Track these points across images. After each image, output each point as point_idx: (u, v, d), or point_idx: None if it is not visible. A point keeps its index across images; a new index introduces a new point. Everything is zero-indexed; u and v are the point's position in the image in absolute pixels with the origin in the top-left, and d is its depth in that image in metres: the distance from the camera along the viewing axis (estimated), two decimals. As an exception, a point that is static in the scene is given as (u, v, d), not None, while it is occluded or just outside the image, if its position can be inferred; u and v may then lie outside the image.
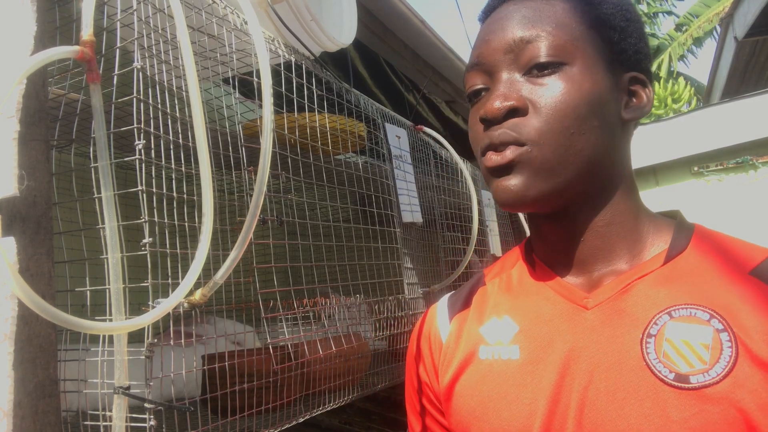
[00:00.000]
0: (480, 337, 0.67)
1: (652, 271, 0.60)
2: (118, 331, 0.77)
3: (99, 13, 0.86)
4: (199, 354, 1.27)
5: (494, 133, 0.59)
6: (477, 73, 0.64)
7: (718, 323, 0.53)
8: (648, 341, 0.55)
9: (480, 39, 0.65)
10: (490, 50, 0.62)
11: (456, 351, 0.69)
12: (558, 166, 0.58)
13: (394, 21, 2.40)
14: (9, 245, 0.70)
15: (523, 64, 0.60)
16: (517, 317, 0.65)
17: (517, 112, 0.59)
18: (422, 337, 0.76)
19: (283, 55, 1.28)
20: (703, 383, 0.51)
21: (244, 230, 0.83)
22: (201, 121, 0.79)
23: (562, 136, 0.58)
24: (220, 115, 1.31)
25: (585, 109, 0.58)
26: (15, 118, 0.73)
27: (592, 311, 0.60)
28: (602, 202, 0.62)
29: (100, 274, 0.80)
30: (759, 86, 5.40)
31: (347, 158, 1.81)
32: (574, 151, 0.58)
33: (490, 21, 0.65)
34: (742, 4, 4.49)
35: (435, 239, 1.98)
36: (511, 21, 0.62)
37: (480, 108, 0.63)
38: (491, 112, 0.59)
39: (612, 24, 0.62)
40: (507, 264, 0.73)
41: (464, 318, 0.71)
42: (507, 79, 0.61)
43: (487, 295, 0.71)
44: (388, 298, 1.61)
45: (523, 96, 0.59)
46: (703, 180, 3.80)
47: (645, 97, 0.64)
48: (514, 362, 0.62)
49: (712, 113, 3.72)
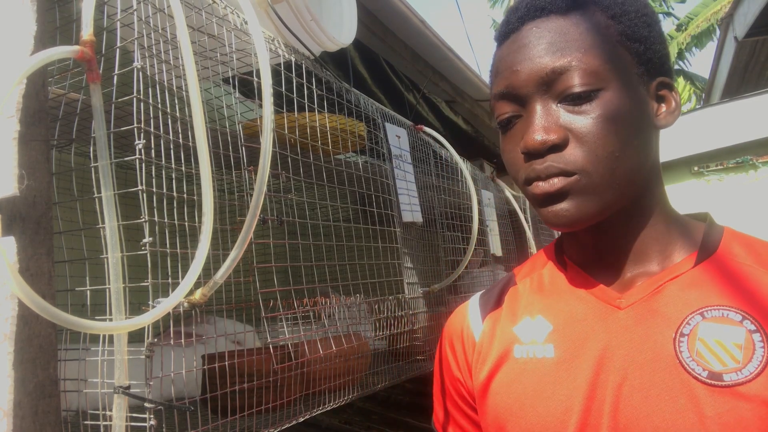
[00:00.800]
0: (514, 336, 0.68)
1: (684, 272, 0.61)
2: (118, 331, 0.77)
3: (99, 13, 0.86)
4: (199, 354, 1.27)
5: (539, 167, 0.60)
6: (507, 102, 0.64)
7: (750, 324, 0.55)
8: (681, 340, 0.57)
9: (506, 67, 0.64)
10: (521, 81, 0.61)
11: (490, 350, 0.70)
12: (606, 189, 0.59)
13: (394, 21, 2.40)
14: (9, 245, 0.70)
15: (558, 93, 0.60)
16: (551, 317, 0.67)
17: (560, 146, 0.59)
18: (454, 335, 0.77)
19: (283, 55, 1.28)
20: (736, 381, 0.53)
21: (244, 230, 0.83)
22: (201, 120, 0.79)
23: (607, 161, 0.58)
24: (220, 115, 1.31)
25: (625, 132, 0.59)
26: (15, 118, 0.73)
27: (625, 311, 0.61)
28: (638, 209, 0.64)
29: (100, 273, 0.80)
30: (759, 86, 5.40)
31: (347, 158, 1.81)
32: (620, 172, 0.59)
33: (514, 47, 0.63)
34: (742, 4, 4.49)
35: (435, 239, 1.98)
36: (537, 49, 0.61)
37: (516, 137, 0.63)
38: (533, 146, 0.59)
39: (637, 36, 0.62)
40: (537, 264, 0.75)
41: (497, 317, 0.72)
42: (543, 109, 0.61)
43: (518, 294, 0.73)
44: (388, 297, 1.61)
45: (562, 126, 0.59)
46: (703, 180, 3.81)
47: (674, 102, 0.65)
48: (549, 360, 0.64)
49: (712, 113, 3.72)
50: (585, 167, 0.58)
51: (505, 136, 0.66)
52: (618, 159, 0.59)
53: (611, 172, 0.59)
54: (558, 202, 0.60)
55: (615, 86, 0.59)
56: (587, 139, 0.58)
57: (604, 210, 0.60)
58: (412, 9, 2.39)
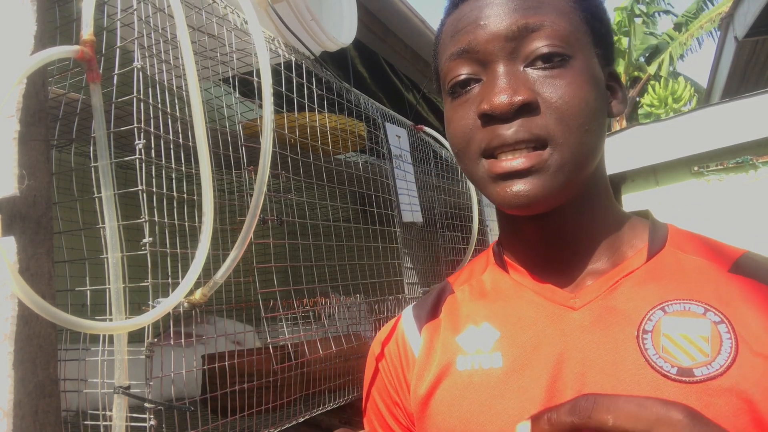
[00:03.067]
0: (457, 346, 0.62)
1: (637, 268, 0.59)
2: (118, 331, 0.77)
3: (99, 12, 0.86)
4: (199, 354, 1.27)
5: (505, 132, 0.54)
6: (465, 61, 0.57)
7: (714, 316, 0.53)
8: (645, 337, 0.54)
9: (468, 22, 0.58)
10: (487, 36, 0.56)
11: (429, 363, 0.64)
12: (573, 167, 0.55)
13: (394, 21, 2.40)
14: (9, 245, 0.70)
15: (526, 54, 0.55)
16: (497, 323, 0.61)
17: (528, 108, 0.54)
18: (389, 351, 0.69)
19: (283, 55, 1.28)
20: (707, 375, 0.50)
21: (244, 230, 0.83)
22: (201, 120, 0.79)
23: (578, 133, 0.54)
24: (220, 115, 1.31)
25: (594, 105, 0.55)
26: (15, 117, 0.73)
27: (579, 311, 0.57)
28: (586, 202, 0.61)
29: (100, 273, 0.80)
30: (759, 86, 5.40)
31: (347, 158, 1.81)
32: (587, 150, 0.56)
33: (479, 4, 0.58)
34: (742, 4, 4.49)
35: (435, 239, 1.98)
36: (508, 5, 0.56)
37: (472, 103, 0.57)
38: (499, 107, 0.53)
39: (599, 17, 0.60)
40: (476, 270, 0.70)
41: (435, 328, 0.66)
42: (508, 71, 0.55)
43: (458, 303, 0.67)
44: (388, 297, 1.61)
45: (532, 89, 0.54)
46: (703, 180, 3.80)
47: (621, 93, 0.63)
48: (496, 371, 0.58)
49: (712, 113, 3.72)
50: (557, 136, 0.53)
51: (457, 101, 0.59)
52: (587, 132, 0.55)
53: (580, 146, 0.54)
54: (519, 179, 0.54)
55: (582, 57, 0.56)
56: (559, 104, 0.54)
57: (563, 190, 0.55)
58: (412, 9, 2.39)
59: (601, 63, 0.60)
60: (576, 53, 0.56)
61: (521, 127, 0.54)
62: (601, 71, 0.59)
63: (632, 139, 3.89)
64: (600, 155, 0.60)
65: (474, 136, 0.57)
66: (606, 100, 0.60)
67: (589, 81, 0.56)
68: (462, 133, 0.58)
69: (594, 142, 0.56)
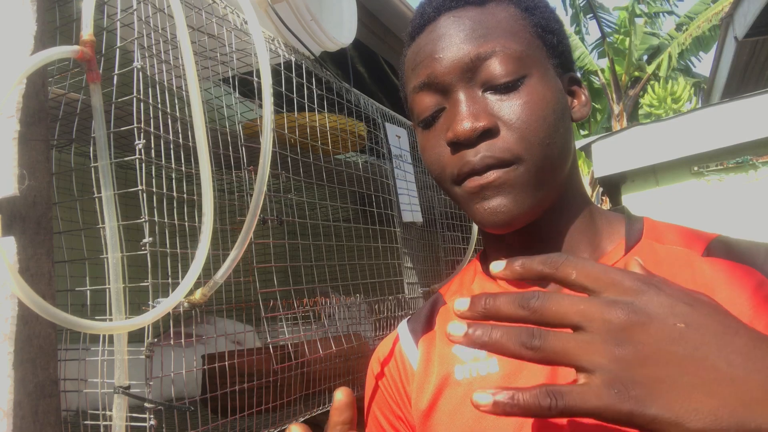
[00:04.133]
0: (453, 356, 0.63)
1: (616, 261, 0.61)
2: (118, 331, 0.77)
3: (99, 12, 0.86)
4: (199, 354, 1.27)
5: (472, 159, 0.57)
6: (428, 93, 0.61)
7: None
8: None
9: (426, 56, 0.61)
10: (444, 68, 0.59)
11: (429, 375, 0.65)
12: (540, 180, 0.58)
13: (394, 21, 2.40)
14: (9, 245, 0.70)
15: (482, 81, 0.58)
16: None
17: (490, 133, 0.57)
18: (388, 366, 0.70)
19: (283, 55, 1.28)
20: None
21: (244, 230, 0.83)
22: (201, 120, 0.79)
23: (539, 147, 0.57)
24: (220, 115, 1.31)
25: (552, 118, 0.58)
26: (15, 118, 0.73)
27: None
28: (565, 204, 0.63)
29: (100, 273, 0.80)
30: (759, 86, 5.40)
31: (347, 158, 1.81)
32: (551, 161, 0.58)
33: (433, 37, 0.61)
34: (742, 4, 4.49)
35: (435, 239, 1.98)
36: (459, 36, 0.59)
37: (440, 131, 0.61)
38: (463, 134, 0.57)
39: (550, 29, 0.62)
40: (465, 281, 0.71)
41: (431, 340, 0.67)
42: (468, 97, 0.58)
43: (451, 313, 0.68)
44: (388, 297, 1.61)
45: (491, 113, 0.58)
46: (703, 180, 3.80)
47: (584, 96, 0.65)
48: (493, 376, 0.59)
49: (712, 113, 3.72)
50: (520, 154, 0.56)
51: (427, 132, 0.63)
52: (549, 146, 0.57)
53: (543, 161, 0.57)
54: (494, 196, 0.58)
55: (537, 73, 0.59)
56: (518, 125, 0.57)
57: (540, 203, 0.59)
58: (412, 9, 2.40)
59: (558, 72, 0.62)
60: (531, 70, 0.59)
61: (486, 152, 0.57)
62: (558, 81, 0.61)
63: (632, 139, 3.89)
64: (570, 160, 0.62)
65: (446, 163, 0.61)
66: (566, 107, 0.62)
67: (545, 96, 0.58)
68: (436, 162, 0.62)
69: (558, 152, 0.59)
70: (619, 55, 11.80)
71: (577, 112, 0.64)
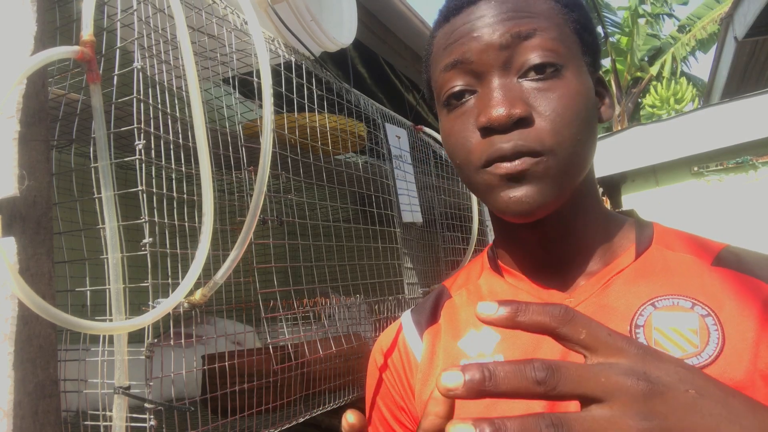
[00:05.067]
0: (459, 351, 0.63)
1: (627, 266, 0.61)
2: (118, 331, 0.77)
3: (99, 13, 0.86)
4: (199, 354, 1.27)
5: (506, 146, 0.55)
6: (459, 72, 0.59)
7: (701, 309, 0.55)
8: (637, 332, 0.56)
9: (462, 34, 0.58)
10: (481, 46, 0.57)
11: (433, 368, 0.65)
12: (568, 175, 0.57)
13: (394, 21, 2.40)
14: (9, 245, 0.70)
15: (519, 65, 0.57)
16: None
17: (524, 121, 0.55)
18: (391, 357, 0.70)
19: (283, 55, 1.28)
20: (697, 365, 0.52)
21: (244, 230, 0.83)
22: (201, 121, 0.79)
23: (571, 143, 0.56)
24: (220, 115, 1.31)
25: (585, 114, 0.57)
26: (15, 118, 0.73)
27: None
28: (580, 205, 0.63)
29: (100, 274, 0.80)
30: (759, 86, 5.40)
31: (347, 158, 1.81)
32: (581, 157, 0.57)
33: (471, 17, 0.59)
34: (742, 4, 4.49)
35: (435, 239, 1.98)
36: (499, 17, 0.57)
37: (469, 115, 0.58)
38: (498, 120, 0.54)
39: (587, 27, 0.62)
40: (472, 274, 0.71)
41: (436, 333, 0.67)
42: (503, 83, 0.56)
43: (456, 307, 0.68)
44: (388, 298, 1.61)
45: (527, 102, 0.56)
46: (703, 180, 3.80)
47: (608, 99, 0.65)
48: None
49: (712, 113, 3.72)
50: (552, 147, 0.55)
51: (453, 113, 0.60)
52: (579, 142, 0.56)
53: (573, 156, 0.56)
54: (519, 185, 0.56)
55: (572, 66, 0.58)
56: (552, 117, 0.55)
57: (562, 196, 0.58)
58: (412, 9, 2.40)
59: (590, 71, 0.62)
60: (567, 63, 0.58)
61: (519, 140, 0.55)
62: (590, 79, 0.61)
63: (632, 139, 3.89)
64: (592, 160, 0.62)
65: (474, 148, 0.58)
66: (596, 107, 0.62)
67: (580, 91, 0.58)
68: (462, 146, 0.59)
69: (586, 150, 0.58)
70: (621, 55, 11.80)
71: (603, 113, 0.64)
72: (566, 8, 0.60)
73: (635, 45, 11.38)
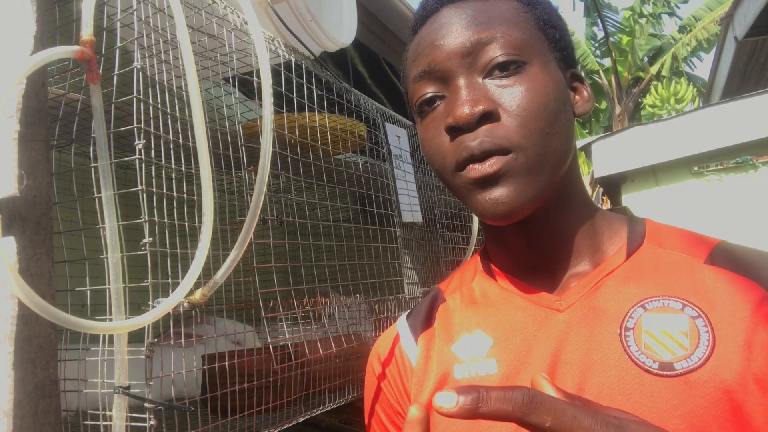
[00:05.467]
0: (453, 356, 0.63)
1: (617, 267, 0.60)
2: (118, 331, 0.77)
3: (99, 13, 0.86)
4: (199, 354, 1.27)
5: (471, 144, 0.56)
6: (428, 81, 0.60)
7: (691, 310, 0.55)
8: (627, 335, 0.55)
9: (427, 45, 0.61)
10: (445, 55, 0.59)
11: (427, 373, 0.65)
12: (541, 170, 0.57)
13: (394, 21, 2.40)
14: (9, 245, 0.70)
15: (483, 66, 0.58)
16: (489, 330, 0.62)
17: (490, 117, 0.56)
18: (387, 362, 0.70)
19: (283, 55, 1.28)
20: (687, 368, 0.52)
21: (244, 230, 0.83)
22: (201, 121, 0.79)
23: (539, 136, 0.56)
24: (220, 115, 1.31)
25: (553, 107, 0.57)
26: (15, 118, 0.73)
27: (565, 313, 0.59)
28: (564, 203, 0.62)
29: (100, 274, 0.80)
30: (759, 86, 5.40)
31: (347, 158, 1.81)
32: (551, 151, 0.57)
33: (434, 27, 0.61)
34: (742, 4, 4.49)
35: (435, 239, 1.98)
36: (460, 24, 0.59)
37: (439, 119, 0.60)
38: (462, 118, 0.56)
39: (552, 23, 0.62)
40: (465, 278, 0.71)
41: (430, 337, 0.67)
42: (468, 84, 0.58)
43: (450, 311, 0.68)
44: (388, 297, 1.61)
45: (491, 99, 0.57)
46: (703, 180, 3.80)
47: (586, 92, 0.65)
48: (492, 377, 0.59)
49: (712, 113, 3.72)
50: (520, 142, 0.55)
51: (426, 120, 0.62)
52: (549, 135, 0.56)
53: (544, 149, 0.56)
54: (495, 186, 0.56)
55: (538, 63, 0.58)
56: (518, 112, 0.56)
57: (540, 195, 0.57)
58: (412, 9, 2.40)
59: (560, 65, 0.62)
60: (531, 59, 0.58)
61: (485, 137, 0.56)
62: (560, 74, 0.61)
63: (632, 139, 3.89)
64: (571, 154, 0.62)
65: (446, 152, 0.59)
66: (568, 101, 0.61)
67: (547, 85, 0.58)
68: (436, 151, 0.61)
69: (559, 143, 0.58)
70: (622, 54, 11.79)
71: (579, 107, 0.64)
72: (527, 6, 0.61)
73: (636, 45, 11.38)
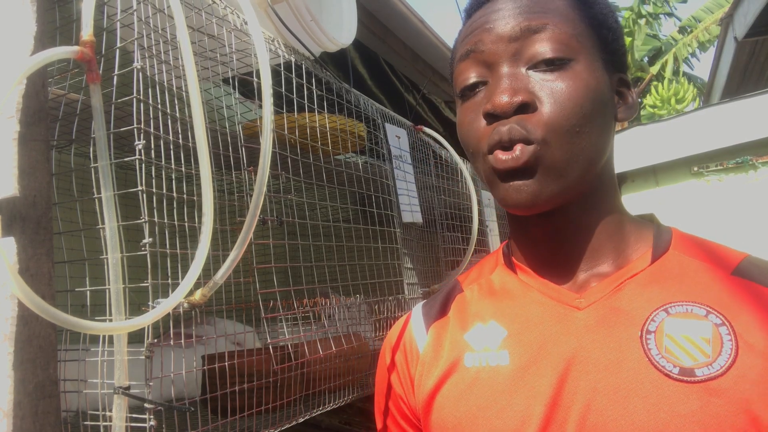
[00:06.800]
0: (465, 344, 0.64)
1: (641, 270, 0.60)
2: (118, 331, 0.77)
3: (99, 13, 0.86)
4: (199, 354, 1.27)
5: (502, 129, 0.57)
6: (473, 63, 0.61)
7: (715, 318, 0.54)
8: (648, 337, 0.55)
9: (477, 26, 0.62)
10: (493, 37, 0.60)
11: (436, 360, 0.65)
12: (566, 166, 0.57)
13: (394, 21, 2.40)
14: (9, 245, 0.70)
15: (529, 57, 0.58)
16: (504, 321, 0.63)
17: (527, 108, 0.57)
18: (396, 349, 0.72)
19: (283, 55, 1.28)
20: (708, 375, 0.51)
21: (244, 230, 0.83)
22: (201, 121, 0.79)
23: (568, 135, 0.56)
24: (220, 115, 1.31)
25: (589, 108, 0.57)
26: (15, 118, 0.73)
27: (584, 311, 0.59)
28: (593, 203, 0.62)
29: (100, 274, 0.80)
30: (759, 86, 5.40)
31: (347, 158, 1.81)
32: (579, 150, 0.57)
33: (487, 11, 0.62)
34: (742, 4, 4.49)
35: (435, 239, 1.98)
36: (513, 11, 0.60)
37: (479, 102, 0.61)
38: (500, 106, 0.57)
39: (607, 24, 0.62)
40: (485, 270, 0.71)
41: (443, 326, 0.68)
42: (511, 72, 0.59)
43: (466, 301, 0.69)
44: (388, 298, 1.61)
45: (530, 91, 0.57)
46: (703, 180, 3.80)
47: (631, 99, 0.65)
48: (504, 368, 0.60)
49: (712, 113, 3.72)
50: (545, 136, 0.56)
51: (466, 104, 0.63)
52: (578, 134, 0.57)
53: (571, 147, 0.57)
54: (517, 175, 0.57)
55: (584, 61, 0.59)
56: (551, 107, 0.57)
57: (563, 191, 0.58)
58: (412, 9, 2.40)
59: (608, 68, 0.61)
60: (578, 57, 0.58)
61: (515, 124, 0.57)
62: (605, 76, 0.61)
63: (632, 139, 3.89)
64: (605, 157, 0.62)
65: (482, 135, 0.60)
66: (610, 104, 0.61)
67: (588, 85, 0.58)
68: (472, 135, 0.61)
69: (589, 144, 0.58)
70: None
71: (622, 112, 0.64)
72: (584, 4, 0.61)
73: (635, 45, 11.38)
